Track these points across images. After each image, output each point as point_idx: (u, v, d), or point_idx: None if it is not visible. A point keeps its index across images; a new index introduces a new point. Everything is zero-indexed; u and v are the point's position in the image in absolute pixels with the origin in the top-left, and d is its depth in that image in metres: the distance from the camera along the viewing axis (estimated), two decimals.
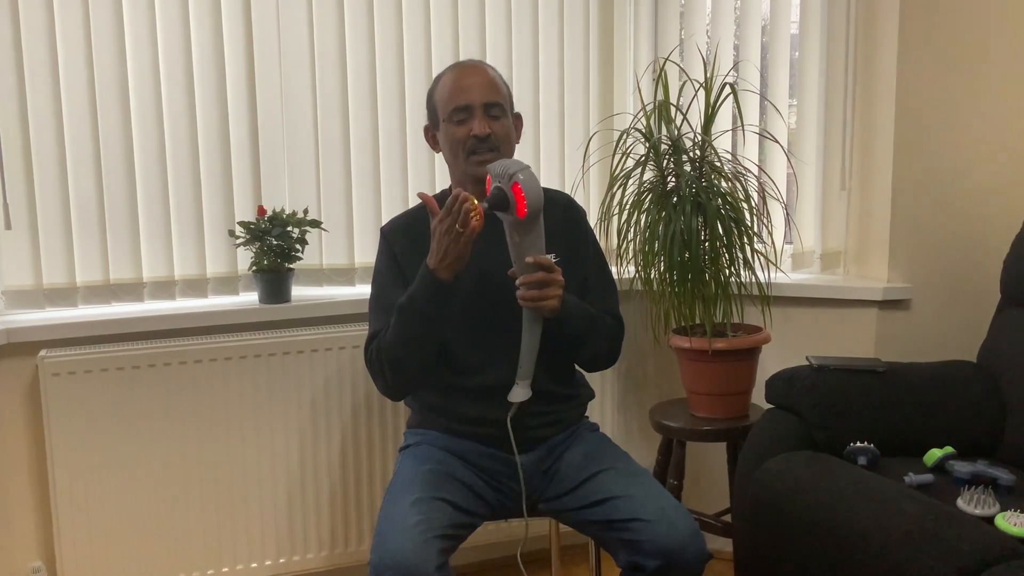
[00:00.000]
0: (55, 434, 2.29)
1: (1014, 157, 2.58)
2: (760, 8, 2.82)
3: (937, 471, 2.07)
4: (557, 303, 1.90)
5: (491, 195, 1.82)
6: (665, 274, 2.49)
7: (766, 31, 2.84)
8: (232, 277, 2.59)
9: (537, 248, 1.87)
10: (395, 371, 1.96)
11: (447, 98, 2.01)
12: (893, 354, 2.56)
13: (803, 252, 2.83)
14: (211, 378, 2.41)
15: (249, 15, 2.53)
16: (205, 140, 2.52)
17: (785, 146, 2.73)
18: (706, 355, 2.44)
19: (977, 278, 2.58)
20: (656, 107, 2.54)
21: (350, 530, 2.59)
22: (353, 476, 2.58)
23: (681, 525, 1.79)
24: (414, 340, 1.92)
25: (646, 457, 2.86)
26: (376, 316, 2.05)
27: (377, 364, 1.99)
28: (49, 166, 2.39)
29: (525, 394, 1.96)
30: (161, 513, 2.40)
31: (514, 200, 1.80)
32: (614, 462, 1.98)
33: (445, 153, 2.07)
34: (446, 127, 2.02)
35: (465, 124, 1.99)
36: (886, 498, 1.83)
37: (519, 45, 2.82)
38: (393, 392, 2.05)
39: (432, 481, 1.89)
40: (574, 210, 2.17)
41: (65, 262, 2.43)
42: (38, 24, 2.35)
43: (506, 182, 1.80)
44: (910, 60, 2.55)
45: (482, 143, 1.98)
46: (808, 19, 2.76)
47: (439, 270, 1.85)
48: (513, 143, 2.07)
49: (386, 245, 2.09)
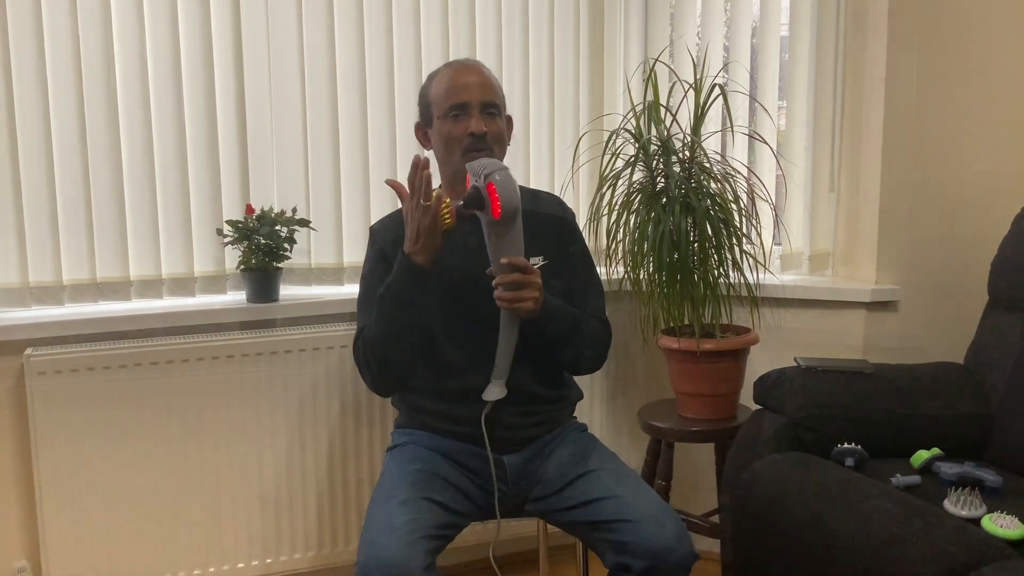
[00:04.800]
0: (41, 433, 2.27)
1: (1003, 159, 2.59)
2: (750, 10, 2.83)
3: (924, 472, 2.08)
4: (533, 304, 1.89)
5: (467, 194, 1.82)
6: (654, 275, 2.50)
7: (756, 33, 2.84)
8: (220, 276, 2.58)
9: (515, 249, 1.87)
10: (380, 364, 1.96)
11: (444, 95, 2.01)
12: (881, 355, 2.56)
13: (792, 253, 2.83)
14: (198, 378, 2.40)
15: (238, 11, 2.51)
16: (193, 137, 2.51)
17: (774, 148, 2.74)
18: (694, 356, 2.44)
19: (965, 280, 2.59)
20: (646, 108, 2.54)
21: (337, 530, 2.58)
22: (341, 476, 2.57)
23: (669, 526, 1.79)
24: (394, 329, 1.91)
25: (634, 458, 2.86)
26: (363, 313, 2.05)
27: (363, 359, 1.99)
28: (35, 163, 2.37)
29: (499, 392, 1.96)
30: (147, 513, 2.39)
31: (489, 200, 1.80)
32: (602, 463, 1.98)
33: (438, 150, 2.07)
34: (442, 123, 2.02)
35: (462, 122, 1.99)
36: (873, 499, 1.83)
37: (509, 44, 2.81)
38: (380, 386, 2.05)
39: (419, 481, 1.88)
40: (563, 212, 2.16)
41: (51, 260, 2.41)
42: (25, 22, 2.33)
43: (482, 182, 1.81)
44: (899, 63, 2.55)
45: (478, 141, 1.98)
46: (798, 21, 2.76)
47: (414, 253, 1.86)
48: (505, 144, 2.08)
49: (375, 243, 2.09)
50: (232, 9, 2.51)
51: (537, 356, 2.02)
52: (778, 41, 2.81)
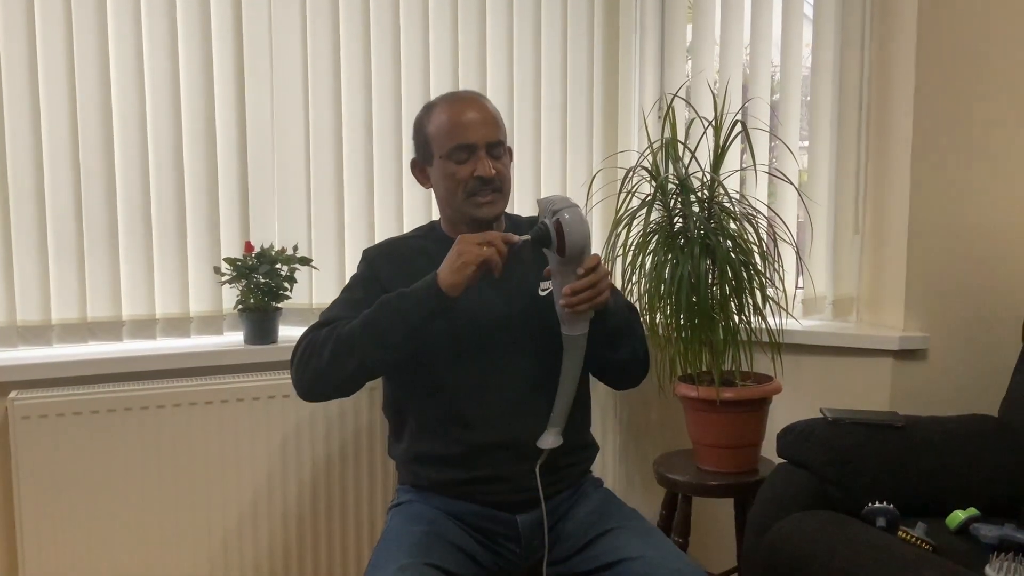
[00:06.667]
0: (24, 481, 2.19)
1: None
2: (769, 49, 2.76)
3: (961, 534, 1.98)
4: (609, 293, 1.81)
5: (534, 230, 1.77)
6: (671, 319, 2.41)
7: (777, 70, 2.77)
8: (216, 316, 2.51)
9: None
10: (334, 358, 1.79)
11: (446, 134, 1.91)
12: (910, 406, 2.46)
13: (815, 298, 2.74)
14: (192, 423, 2.31)
15: (240, 43, 2.47)
16: (191, 171, 2.45)
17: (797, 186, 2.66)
18: (714, 405, 2.36)
19: (998, 327, 2.50)
20: (663, 144, 2.47)
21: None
22: (339, 529, 2.48)
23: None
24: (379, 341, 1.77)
25: (649, 512, 2.74)
26: (335, 308, 1.92)
27: (317, 346, 1.81)
28: (25, 196, 2.31)
29: (556, 441, 1.89)
30: (135, 567, 2.29)
31: (555, 238, 1.75)
32: (623, 520, 1.89)
33: (439, 191, 1.97)
34: (444, 164, 1.92)
35: (467, 164, 1.89)
36: (909, 565, 1.73)
37: (521, 78, 2.77)
38: (311, 379, 1.84)
39: (422, 544, 1.78)
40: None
41: (40, 298, 2.34)
42: (18, 49, 2.28)
43: (551, 218, 1.75)
44: (927, 100, 2.48)
45: (485, 184, 1.89)
46: (820, 59, 2.69)
47: (445, 273, 1.74)
48: (511, 180, 2.00)
49: (369, 267, 1.99)
50: (234, 36, 2.47)
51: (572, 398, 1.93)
52: (800, 80, 2.75)
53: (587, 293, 1.77)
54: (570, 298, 1.77)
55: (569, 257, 1.75)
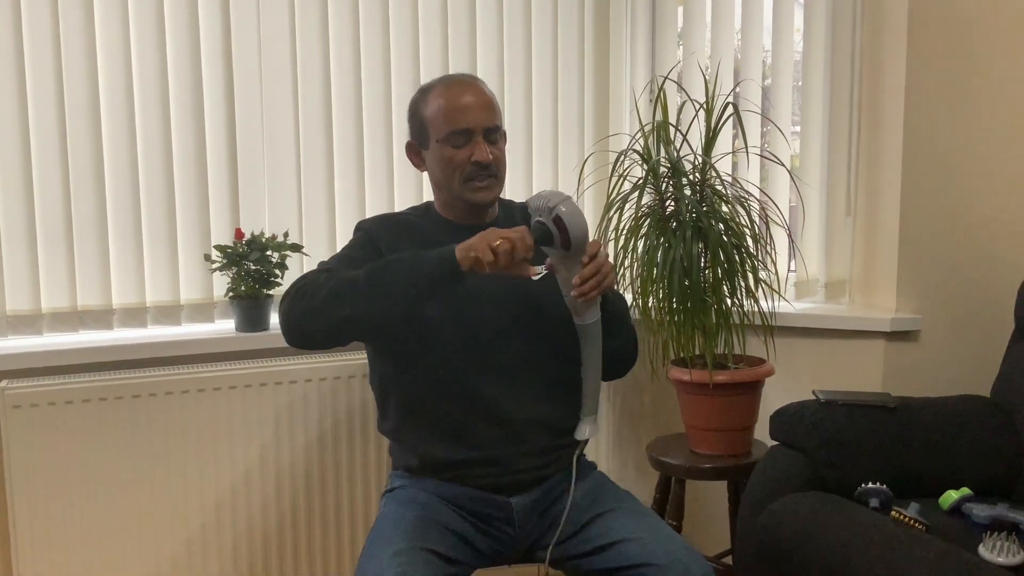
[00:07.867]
0: (15, 471, 2.18)
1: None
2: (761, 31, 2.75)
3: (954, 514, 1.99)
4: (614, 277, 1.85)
5: (535, 231, 1.75)
6: (664, 303, 2.40)
7: (768, 54, 2.76)
8: (207, 304, 2.50)
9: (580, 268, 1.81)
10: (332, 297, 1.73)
11: (443, 118, 1.89)
12: (902, 388, 2.47)
13: (807, 280, 2.74)
14: (184, 411, 2.30)
15: (229, 27, 2.45)
16: (180, 157, 2.44)
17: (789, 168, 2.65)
18: (707, 388, 2.35)
19: (990, 308, 2.50)
20: (655, 127, 2.46)
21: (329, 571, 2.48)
22: (333, 515, 2.47)
23: (695, 570, 1.71)
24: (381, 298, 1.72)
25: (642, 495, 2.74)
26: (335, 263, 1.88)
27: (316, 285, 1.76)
28: (14, 185, 2.29)
29: (594, 431, 1.92)
30: (127, 554, 2.28)
31: (558, 234, 1.74)
32: (618, 502, 1.90)
33: (434, 174, 1.96)
34: (441, 148, 1.90)
35: (464, 148, 1.88)
36: (903, 545, 1.73)
37: (511, 62, 2.75)
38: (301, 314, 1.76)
39: (416, 529, 1.77)
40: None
41: (29, 287, 2.33)
42: (5, 37, 2.26)
43: (548, 216, 1.74)
44: (919, 81, 2.47)
45: (482, 170, 1.88)
46: (812, 43, 2.68)
47: (462, 248, 1.70)
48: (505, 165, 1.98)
49: (367, 234, 1.96)
50: (223, 24, 2.45)
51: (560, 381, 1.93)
52: (792, 65, 2.74)
53: (595, 279, 1.77)
54: (581, 287, 1.77)
55: (574, 249, 1.76)
